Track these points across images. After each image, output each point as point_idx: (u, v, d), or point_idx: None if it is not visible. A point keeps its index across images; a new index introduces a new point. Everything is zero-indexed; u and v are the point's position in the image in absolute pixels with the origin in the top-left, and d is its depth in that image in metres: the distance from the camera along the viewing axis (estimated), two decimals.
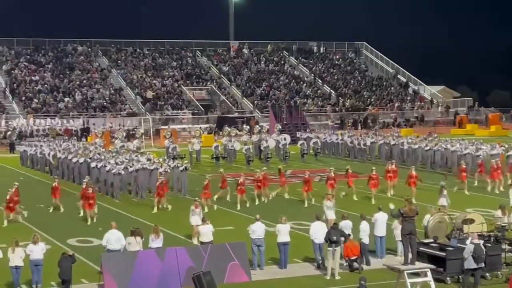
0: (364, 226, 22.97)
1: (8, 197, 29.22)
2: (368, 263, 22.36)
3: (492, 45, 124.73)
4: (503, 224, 23.87)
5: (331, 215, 25.46)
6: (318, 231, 22.64)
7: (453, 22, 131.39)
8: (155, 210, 31.79)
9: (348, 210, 26.68)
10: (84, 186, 29.88)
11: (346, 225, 23.06)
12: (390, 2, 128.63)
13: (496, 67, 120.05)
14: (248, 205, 32.41)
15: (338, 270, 21.25)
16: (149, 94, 78.44)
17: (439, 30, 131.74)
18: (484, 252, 20.35)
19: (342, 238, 21.48)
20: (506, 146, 43.62)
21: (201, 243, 22.37)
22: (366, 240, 22.73)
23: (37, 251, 20.56)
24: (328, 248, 21.31)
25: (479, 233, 21.95)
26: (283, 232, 22.60)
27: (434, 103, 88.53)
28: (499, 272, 21.10)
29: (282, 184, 35.05)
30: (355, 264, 21.97)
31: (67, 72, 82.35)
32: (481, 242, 20.79)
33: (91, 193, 29.27)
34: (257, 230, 22.45)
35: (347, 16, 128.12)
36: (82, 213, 30.05)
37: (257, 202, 33.34)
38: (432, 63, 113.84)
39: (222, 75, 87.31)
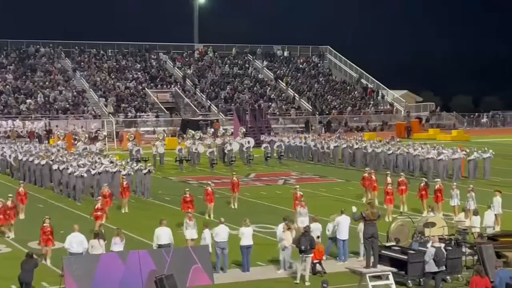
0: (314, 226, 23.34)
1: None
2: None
3: (456, 50, 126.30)
4: (464, 228, 24.15)
5: (303, 222, 25.41)
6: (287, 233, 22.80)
7: (417, 26, 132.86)
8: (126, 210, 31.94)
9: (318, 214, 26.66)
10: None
11: (316, 228, 23.18)
12: (354, 6, 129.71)
13: (460, 72, 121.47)
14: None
15: (308, 275, 21.22)
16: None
17: (403, 35, 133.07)
18: (445, 256, 20.55)
19: (310, 247, 21.50)
20: (468, 150, 44.17)
21: (159, 246, 22.25)
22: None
23: None
24: (300, 255, 21.36)
25: (440, 237, 22.17)
26: (246, 235, 22.62)
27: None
28: (459, 275, 21.28)
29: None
30: (318, 267, 22.04)
31: (29, 73, 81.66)
32: (442, 245, 20.97)
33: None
34: (221, 233, 22.43)
35: (311, 20, 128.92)
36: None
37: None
38: (396, 68, 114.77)
39: (186, 78, 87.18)
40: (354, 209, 21.70)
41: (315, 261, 22.04)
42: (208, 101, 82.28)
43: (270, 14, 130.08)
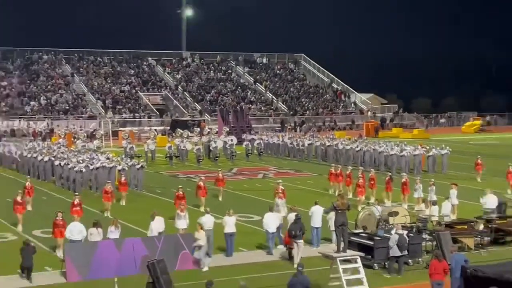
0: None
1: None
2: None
3: (419, 56, 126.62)
4: (424, 217, 24.30)
5: (280, 211, 25.31)
6: (270, 221, 22.88)
7: (383, 36, 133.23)
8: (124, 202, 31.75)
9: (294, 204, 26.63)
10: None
11: (292, 217, 23.14)
12: (327, 17, 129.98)
13: (422, 77, 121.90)
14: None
15: (298, 260, 21.07)
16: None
17: (371, 44, 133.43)
18: (407, 241, 20.68)
19: (301, 233, 21.48)
20: (427, 147, 44.44)
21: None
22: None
23: None
24: (293, 240, 21.43)
25: (402, 224, 22.31)
26: (230, 224, 22.63)
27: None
28: (420, 259, 21.40)
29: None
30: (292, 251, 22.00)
31: (33, 78, 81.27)
32: (405, 232, 21.12)
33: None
34: (207, 222, 22.43)
35: (288, 30, 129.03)
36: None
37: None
38: (364, 73, 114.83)
39: (175, 82, 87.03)
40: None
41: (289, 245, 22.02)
42: (195, 103, 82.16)
43: (251, 25, 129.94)
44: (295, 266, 18.10)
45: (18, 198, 26.99)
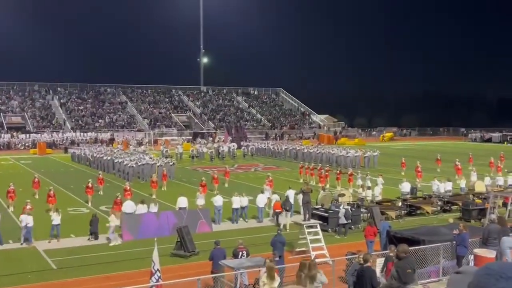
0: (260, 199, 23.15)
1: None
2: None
3: (359, 90, 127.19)
4: (362, 197, 24.31)
5: (267, 193, 25.16)
6: (260, 200, 22.86)
7: (335, 75, 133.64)
8: (165, 188, 31.22)
9: (274, 189, 26.62)
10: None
11: (275, 197, 23.12)
12: (302, 63, 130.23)
13: (361, 103, 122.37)
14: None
15: (288, 226, 20.86)
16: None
17: (326, 79, 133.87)
18: (351, 213, 20.68)
19: (289, 207, 21.60)
20: (364, 150, 44.48)
21: (179, 208, 22.12)
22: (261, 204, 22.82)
23: (56, 218, 19.46)
24: (284, 211, 21.37)
25: (348, 202, 22.30)
26: (235, 202, 22.59)
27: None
28: (359, 225, 21.42)
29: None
30: (279, 217, 21.93)
31: (101, 104, 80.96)
32: (349, 207, 21.12)
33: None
34: (218, 200, 22.41)
35: (271, 71, 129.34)
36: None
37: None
38: (321, 99, 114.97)
39: (197, 107, 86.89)
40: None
41: (277, 210, 21.96)
42: (209, 121, 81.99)
43: (246, 68, 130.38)
44: (278, 228, 18.04)
45: (89, 184, 26.89)
